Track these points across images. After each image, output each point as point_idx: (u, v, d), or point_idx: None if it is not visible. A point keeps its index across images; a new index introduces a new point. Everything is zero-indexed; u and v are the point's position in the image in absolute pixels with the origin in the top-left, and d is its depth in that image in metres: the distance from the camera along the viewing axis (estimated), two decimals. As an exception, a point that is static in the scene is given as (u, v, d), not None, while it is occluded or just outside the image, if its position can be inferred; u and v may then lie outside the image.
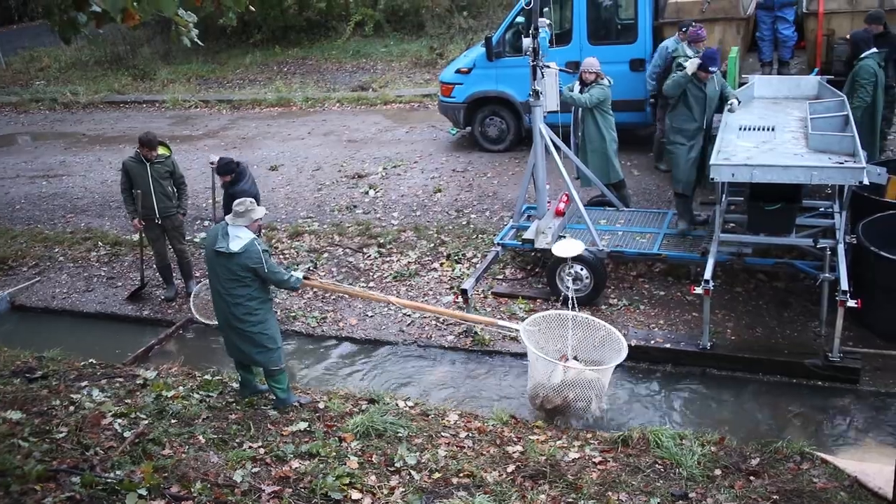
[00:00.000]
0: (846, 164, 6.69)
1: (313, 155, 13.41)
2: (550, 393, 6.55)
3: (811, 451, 5.95)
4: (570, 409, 6.58)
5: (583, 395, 6.46)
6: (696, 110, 8.22)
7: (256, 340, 6.66)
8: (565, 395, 6.50)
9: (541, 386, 6.62)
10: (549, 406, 6.65)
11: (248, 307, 6.56)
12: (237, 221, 6.46)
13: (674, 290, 8.42)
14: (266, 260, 6.43)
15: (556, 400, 6.56)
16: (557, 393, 6.52)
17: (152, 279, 9.82)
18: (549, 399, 6.59)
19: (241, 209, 6.47)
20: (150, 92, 18.98)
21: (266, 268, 6.43)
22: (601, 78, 9.00)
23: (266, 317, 6.68)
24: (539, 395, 6.65)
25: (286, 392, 6.90)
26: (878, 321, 7.28)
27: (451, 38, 18.96)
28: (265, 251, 6.48)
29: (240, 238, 6.41)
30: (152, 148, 8.79)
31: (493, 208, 10.57)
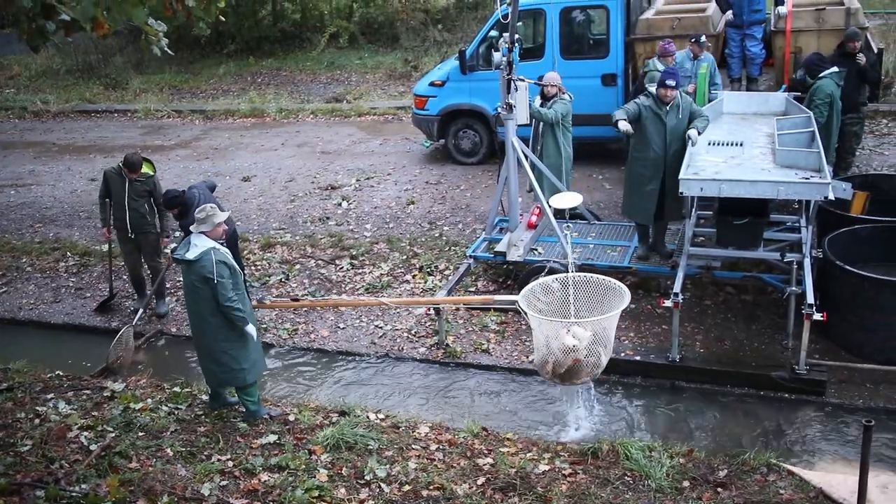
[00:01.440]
0: (812, 180, 6.80)
1: (286, 166, 13.37)
2: (560, 357, 6.46)
3: (777, 463, 6.02)
4: (583, 368, 6.50)
5: (593, 350, 6.39)
6: (655, 141, 7.97)
7: (219, 359, 6.57)
8: (576, 355, 6.41)
9: (549, 353, 6.53)
10: (561, 370, 6.55)
11: (210, 323, 6.45)
12: (199, 228, 6.37)
13: (644, 302, 8.48)
14: (219, 273, 6.23)
15: (567, 362, 6.46)
16: (567, 355, 6.43)
17: (122, 290, 9.72)
18: (559, 363, 6.48)
19: (202, 215, 6.38)
20: (121, 101, 18.83)
21: (216, 280, 6.22)
22: (563, 92, 9.07)
23: (230, 335, 6.52)
24: (548, 361, 6.51)
25: (257, 405, 6.85)
26: (843, 334, 7.39)
27: (425, 50, 19.03)
28: (222, 263, 6.30)
29: (197, 246, 6.30)
30: (133, 170, 8.68)
31: (466, 220, 10.60)
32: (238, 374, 6.61)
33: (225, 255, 6.42)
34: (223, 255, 6.40)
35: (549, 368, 6.47)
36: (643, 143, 8.06)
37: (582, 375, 6.41)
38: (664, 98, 7.89)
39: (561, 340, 6.30)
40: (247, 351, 6.63)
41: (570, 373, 6.40)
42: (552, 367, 6.44)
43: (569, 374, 6.42)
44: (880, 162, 11.07)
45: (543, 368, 6.52)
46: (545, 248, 8.76)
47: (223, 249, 6.47)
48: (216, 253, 6.32)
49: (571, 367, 6.34)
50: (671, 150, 7.93)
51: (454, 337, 8.26)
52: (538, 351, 6.56)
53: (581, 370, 6.37)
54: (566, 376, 6.45)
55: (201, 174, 13.33)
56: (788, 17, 10.50)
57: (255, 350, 6.74)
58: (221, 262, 6.30)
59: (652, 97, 8.01)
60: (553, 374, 6.50)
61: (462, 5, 20.88)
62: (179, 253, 6.42)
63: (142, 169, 8.77)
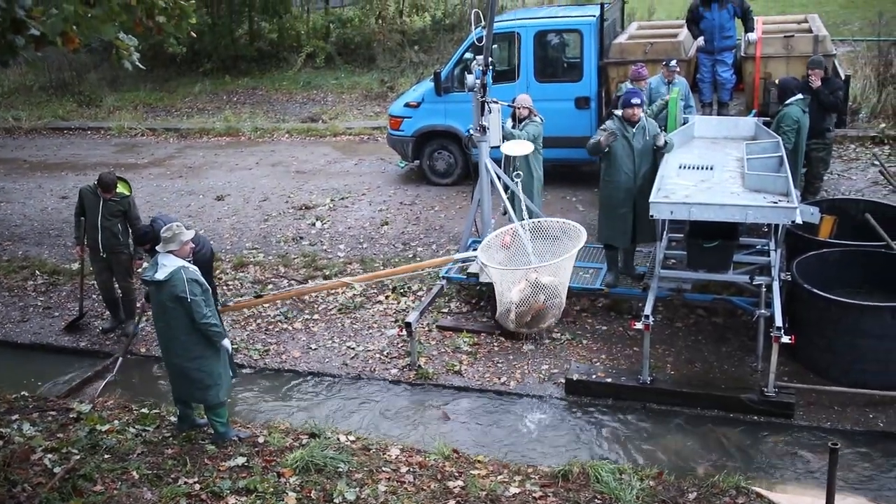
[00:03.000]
0: (779, 204, 6.89)
1: (260, 185, 13.33)
2: (523, 308, 6.45)
3: (746, 486, 6.04)
4: (547, 312, 6.49)
5: (553, 292, 6.37)
6: (625, 164, 8.10)
7: (192, 377, 6.51)
8: (537, 299, 6.38)
9: (511, 303, 6.49)
10: (526, 319, 6.55)
11: (182, 342, 6.39)
12: (166, 247, 6.31)
13: (616, 324, 8.53)
14: (192, 291, 6.19)
15: (531, 311, 6.47)
16: (528, 304, 6.41)
17: (91, 309, 9.60)
18: (522, 314, 6.49)
19: (169, 234, 6.32)
20: (95, 119, 18.70)
21: (189, 298, 6.18)
22: (534, 114, 9.14)
23: (204, 353, 6.48)
24: (510, 311, 6.50)
25: (226, 426, 6.78)
26: (811, 357, 7.46)
27: (401, 71, 19.12)
28: (194, 281, 6.26)
29: (166, 266, 6.24)
30: (107, 190, 8.60)
31: (440, 241, 10.61)
32: (211, 390, 6.55)
33: (195, 273, 6.36)
34: (193, 272, 6.34)
35: (513, 318, 6.48)
36: (613, 167, 8.16)
37: (548, 318, 6.45)
38: (631, 118, 8.03)
39: (521, 289, 6.33)
40: (219, 368, 6.60)
41: (535, 319, 6.49)
42: (516, 318, 6.46)
43: (535, 320, 6.49)
44: (848, 186, 11.25)
45: (507, 318, 6.54)
46: (518, 270, 8.76)
47: (192, 267, 6.40)
48: (186, 271, 6.26)
49: (535, 314, 6.36)
50: (640, 171, 8.07)
51: (426, 358, 8.24)
52: (500, 303, 6.57)
53: (546, 314, 6.40)
54: (532, 323, 6.48)
55: (174, 193, 13.28)
56: (758, 44, 10.70)
57: (225, 368, 6.71)
58: (192, 281, 6.25)
59: (618, 119, 8.12)
60: (518, 324, 6.51)
61: (438, 27, 21.03)
62: (148, 274, 6.37)
63: (117, 188, 8.70)
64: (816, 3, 22.32)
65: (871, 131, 13.10)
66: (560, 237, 6.78)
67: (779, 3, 22.81)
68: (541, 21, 11.91)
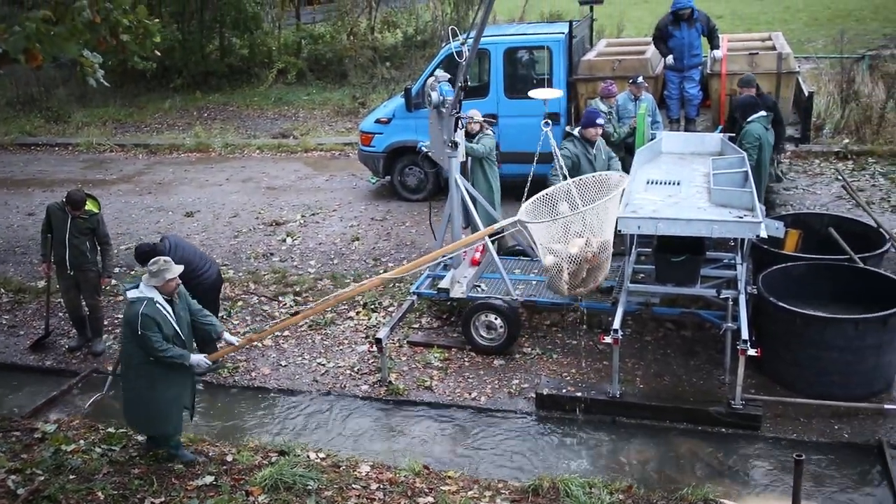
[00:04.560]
0: (745, 219, 6.98)
1: (231, 201, 13.26)
2: (576, 264, 6.54)
3: (714, 498, 6.10)
4: (601, 266, 6.74)
5: (604, 244, 6.60)
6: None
7: (143, 410, 6.47)
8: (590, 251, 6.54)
9: (562, 262, 6.53)
10: (582, 275, 6.69)
11: (136, 370, 6.34)
12: (149, 282, 6.19)
13: (586, 338, 8.56)
14: (143, 325, 6.03)
15: (586, 264, 6.61)
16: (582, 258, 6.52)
17: (57, 328, 9.48)
18: (576, 272, 6.60)
19: (154, 268, 6.19)
20: (63, 135, 18.51)
21: (139, 331, 6.04)
22: (485, 128, 9.22)
23: (157, 385, 6.33)
24: (562, 272, 6.55)
25: (178, 448, 6.72)
26: (777, 369, 7.55)
27: (373, 87, 19.17)
28: (149, 317, 6.06)
29: (139, 290, 6.19)
30: (76, 207, 8.52)
31: (411, 257, 10.60)
32: (160, 427, 6.54)
33: (156, 311, 6.14)
34: (156, 310, 6.14)
35: (566, 279, 6.50)
36: None
37: (601, 273, 6.68)
38: (593, 138, 8.12)
39: (573, 247, 6.51)
40: (164, 400, 6.43)
41: (590, 275, 6.66)
42: (569, 277, 6.48)
43: (589, 276, 6.66)
44: (813, 201, 11.43)
45: (559, 282, 6.62)
46: (488, 285, 8.80)
47: (161, 306, 6.20)
48: (148, 306, 6.11)
49: (591, 268, 6.54)
50: None
51: (397, 374, 8.22)
52: (550, 273, 6.63)
53: (601, 268, 6.64)
54: (589, 279, 6.65)
55: (143, 209, 13.17)
56: (723, 61, 10.87)
57: (176, 400, 6.51)
58: (148, 317, 6.08)
59: (576, 140, 8.19)
60: (573, 284, 6.59)
61: (410, 44, 21.13)
62: (125, 286, 6.40)
63: (85, 206, 8.62)
64: (781, 21, 22.74)
65: (834, 147, 13.35)
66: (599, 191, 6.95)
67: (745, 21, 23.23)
68: (510, 38, 12.01)
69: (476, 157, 9.10)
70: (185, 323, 6.43)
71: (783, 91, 10.69)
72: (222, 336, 6.76)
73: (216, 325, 6.75)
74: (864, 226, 9.00)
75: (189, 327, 6.51)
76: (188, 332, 6.50)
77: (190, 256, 8.10)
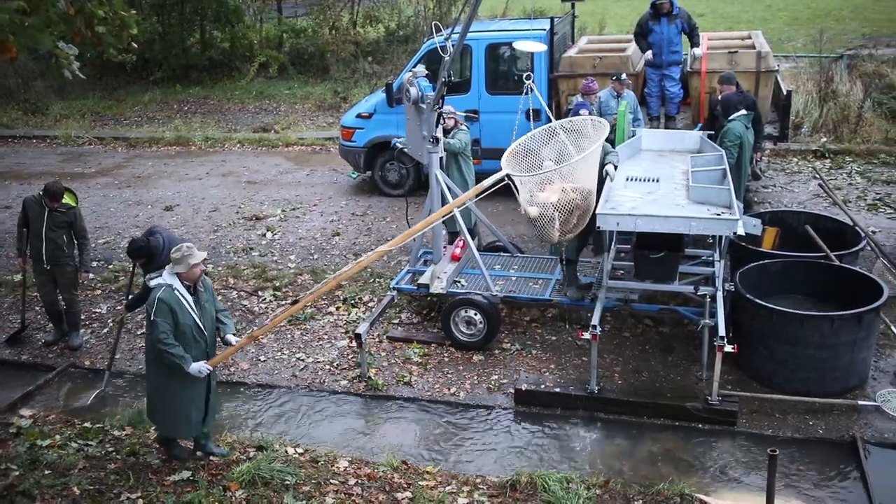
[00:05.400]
0: (722, 216, 7.03)
1: (211, 196, 13.19)
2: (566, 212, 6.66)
3: (690, 494, 6.14)
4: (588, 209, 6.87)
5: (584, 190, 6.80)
6: None
7: (150, 400, 6.43)
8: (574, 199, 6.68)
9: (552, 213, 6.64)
10: (573, 221, 6.83)
11: (154, 365, 6.25)
12: (174, 269, 6.00)
13: (565, 334, 8.60)
14: (157, 311, 5.89)
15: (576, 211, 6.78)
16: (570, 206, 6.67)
17: (34, 322, 9.39)
18: (566, 220, 6.74)
19: (178, 255, 6.01)
20: (41, 127, 18.35)
21: (151, 317, 5.94)
22: (460, 124, 9.23)
23: (158, 379, 6.24)
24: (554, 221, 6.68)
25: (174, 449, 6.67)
26: (754, 365, 7.61)
27: (355, 82, 19.13)
28: (165, 304, 5.91)
29: (161, 278, 6.08)
30: (54, 199, 8.43)
31: (392, 252, 10.55)
32: (157, 420, 6.45)
33: (175, 301, 5.96)
34: (175, 298, 5.96)
35: (558, 227, 6.66)
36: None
37: (590, 213, 6.77)
38: None
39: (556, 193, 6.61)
40: (170, 399, 6.27)
41: (581, 219, 6.79)
42: (560, 225, 6.63)
43: (580, 220, 6.80)
44: (790, 199, 11.53)
45: (552, 231, 6.72)
46: (468, 281, 8.81)
47: (180, 293, 6.01)
48: (166, 292, 5.95)
49: (580, 213, 6.68)
50: None
51: (376, 370, 8.22)
52: (539, 223, 6.69)
53: (588, 210, 6.74)
54: (579, 224, 6.79)
55: (122, 203, 13.08)
56: (703, 59, 10.93)
57: (192, 402, 6.32)
58: (164, 302, 5.91)
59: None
60: (563, 231, 6.76)
61: (392, 38, 21.10)
62: (150, 275, 6.45)
63: (63, 199, 8.53)
64: (762, 20, 22.90)
65: (812, 145, 13.48)
66: (583, 131, 7.02)
67: (726, 19, 23.36)
68: (492, 34, 12.02)
69: (451, 153, 9.11)
70: (208, 316, 6.21)
71: (762, 89, 10.77)
72: (225, 338, 6.43)
73: (227, 326, 6.46)
74: (840, 223, 9.09)
75: (212, 322, 6.27)
76: (211, 327, 6.26)
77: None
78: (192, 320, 6.06)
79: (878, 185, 11.89)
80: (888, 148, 13.10)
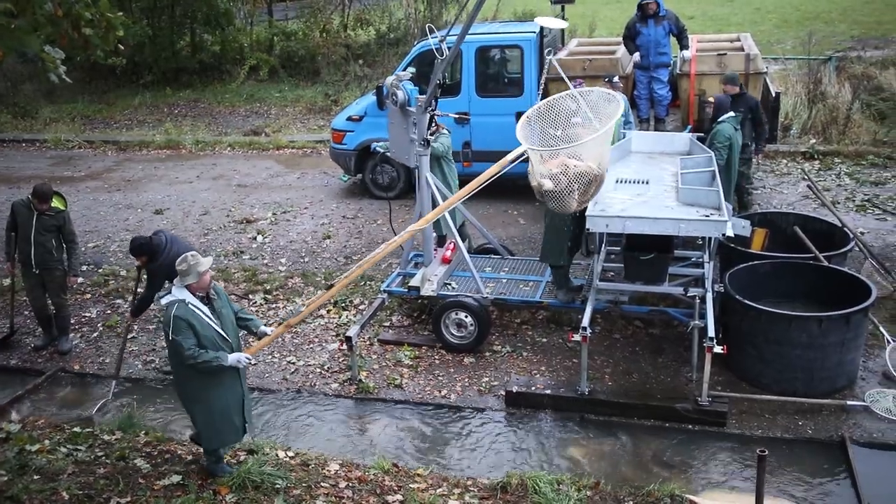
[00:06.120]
0: (711, 217, 7.06)
1: (201, 199, 13.16)
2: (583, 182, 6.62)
3: (681, 494, 6.15)
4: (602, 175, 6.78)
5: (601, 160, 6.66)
6: None
7: (192, 417, 6.29)
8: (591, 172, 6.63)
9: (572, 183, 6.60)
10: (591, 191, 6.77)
11: (177, 375, 6.14)
12: (183, 281, 5.80)
13: (556, 336, 8.62)
14: (175, 329, 5.70)
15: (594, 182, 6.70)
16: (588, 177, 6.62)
17: (23, 326, 9.36)
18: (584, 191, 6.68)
19: (184, 266, 5.79)
20: (30, 130, 18.27)
21: (170, 336, 5.75)
22: (441, 128, 9.23)
23: (194, 394, 6.06)
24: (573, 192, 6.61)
25: (216, 465, 6.46)
26: (743, 366, 7.64)
27: (346, 85, 19.11)
28: (181, 319, 5.71)
29: (171, 295, 5.86)
30: (43, 201, 8.40)
31: (382, 255, 10.58)
32: (203, 434, 6.27)
33: (191, 315, 5.76)
34: (190, 312, 5.76)
35: (577, 197, 6.65)
36: None
37: (601, 180, 6.76)
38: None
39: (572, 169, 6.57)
40: (210, 411, 6.08)
41: (597, 189, 6.80)
42: (579, 195, 6.64)
43: (597, 189, 6.81)
44: (780, 200, 11.58)
45: (571, 202, 6.68)
46: (459, 283, 8.81)
47: (194, 305, 5.82)
48: (180, 308, 5.74)
49: (594, 181, 6.65)
50: None
51: (367, 372, 8.21)
52: (556, 194, 6.66)
53: (602, 177, 6.73)
54: (594, 193, 6.80)
55: (112, 206, 13.04)
56: (692, 62, 10.98)
57: (224, 412, 6.13)
58: (181, 319, 5.71)
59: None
60: (581, 201, 6.76)
61: (383, 41, 21.07)
62: (159, 294, 6.19)
63: (52, 202, 8.50)
64: (752, 23, 22.98)
65: (801, 147, 13.53)
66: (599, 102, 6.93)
67: (716, 22, 23.44)
68: (482, 37, 12.03)
69: (434, 156, 9.08)
70: (229, 322, 6.01)
71: (751, 92, 10.79)
72: (259, 330, 6.35)
73: (254, 321, 6.38)
74: (829, 225, 9.13)
75: (234, 326, 6.10)
76: (234, 331, 6.08)
77: (184, 252, 7.99)
78: (213, 331, 5.86)
79: (866, 187, 11.95)
80: (876, 149, 13.17)
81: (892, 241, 10.08)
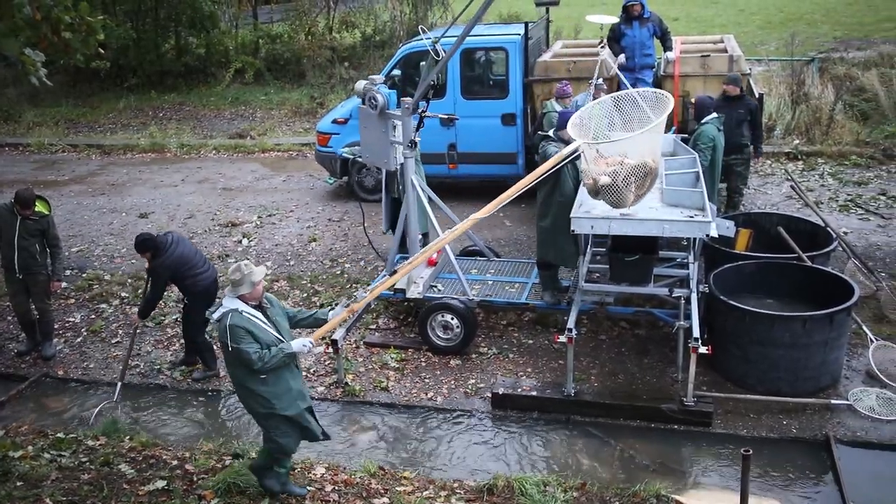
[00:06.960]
0: (695, 219, 7.09)
1: (186, 202, 13.11)
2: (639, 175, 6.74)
3: (666, 495, 6.17)
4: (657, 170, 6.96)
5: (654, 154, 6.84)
6: (571, 184, 7.91)
7: (261, 425, 6.08)
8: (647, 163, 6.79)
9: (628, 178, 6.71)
10: (647, 184, 6.91)
11: (241, 392, 5.93)
12: (238, 291, 5.65)
13: (542, 338, 8.63)
14: (234, 338, 5.54)
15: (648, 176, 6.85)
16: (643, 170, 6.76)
17: (6, 332, 9.29)
18: (640, 185, 6.81)
19: (237, 276, 5.63)
20: (13, 134, 18.15)
21: (230, 346, 5.57)
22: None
23: (265, 402, 5.80)
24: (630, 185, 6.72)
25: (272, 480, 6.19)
26: (728, 366, 7.67)
27: (331, 87, 19.08)
28: (238, 328, 5.54)
29: (222, 307, 5.71)
30: (26, 206, 8.34)
31: (368, 258, 10.58)
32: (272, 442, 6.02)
33: (248, 322, 5.61)
34: (246, 320, 5.61)
35: (633, 189, 6.80)
36: (565, 186, 7.94)
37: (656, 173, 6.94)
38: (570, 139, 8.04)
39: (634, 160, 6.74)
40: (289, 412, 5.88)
41: (652, 182, 6.95)
42: (635, 189, 6.80)
43: (651, 183, 6.95)
44: (764, 201, 11.64)
45: (627, 197, 6.85)
46: (445, 285, 8.81)
47: (248, 312, 5.67)
48: (234, 317, 5.59)
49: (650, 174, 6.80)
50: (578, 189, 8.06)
51: (353, 375, 8.20)
52: (611, 190, 6.80)
53: (657, 170, 6.89)
54: (650, 186, 6.96)
55: (96, 210, 12.97)
56: (676, 63, 11.02)
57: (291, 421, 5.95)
58: (237, 327, 5.55)
59: (554, 142, 8.08)
60: (637, 195, 6.91)
61: (368, 44, 21.06)
62: (209, 310, 6.21)
63: (35, 207, 8.45)
64: (736, 24, 23.08)
65: (785, 147, 13.61)
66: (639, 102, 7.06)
67: (700, 23, 23.53)
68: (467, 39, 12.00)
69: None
70: (284, 329, 5.87)
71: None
72: (326, 316, 6.20)
73: (319, 312, 6.26)
74: (812, 225, 9.18)
75: (289, 334, 5.93)
76: (289, 339, 5.90)
77: (189, 254, 8.03)
78: (272, 337, 5.71)
79: (849, 187, 12.03)
80: (859, 149, 13.26)
81: (874, 241, 10.16)
